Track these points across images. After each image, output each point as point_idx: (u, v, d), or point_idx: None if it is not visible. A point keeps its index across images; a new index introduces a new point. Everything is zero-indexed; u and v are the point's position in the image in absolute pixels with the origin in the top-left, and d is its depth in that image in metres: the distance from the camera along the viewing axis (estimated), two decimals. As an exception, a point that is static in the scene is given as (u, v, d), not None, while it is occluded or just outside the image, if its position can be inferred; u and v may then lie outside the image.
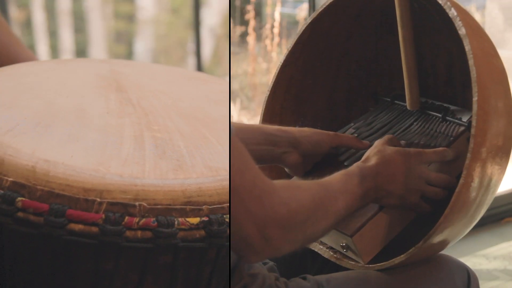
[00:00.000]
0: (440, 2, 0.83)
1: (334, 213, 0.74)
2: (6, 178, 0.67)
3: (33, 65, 0.95)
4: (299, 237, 0.71)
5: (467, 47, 0.79)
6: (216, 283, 0.73)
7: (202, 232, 0.69)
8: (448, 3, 0.83)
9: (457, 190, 0.77)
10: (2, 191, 0.67)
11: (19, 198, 0.66)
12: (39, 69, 0.92)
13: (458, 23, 0.80)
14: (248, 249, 0.67)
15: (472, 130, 0.77)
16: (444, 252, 0.88)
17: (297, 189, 0.71)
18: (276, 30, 3.06)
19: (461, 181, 0.77)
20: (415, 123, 0.98)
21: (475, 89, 0.77)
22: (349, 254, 0.87)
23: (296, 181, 0.92)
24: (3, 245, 0.69)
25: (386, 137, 0.88)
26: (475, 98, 0.77)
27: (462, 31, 0.80)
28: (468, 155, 0.77)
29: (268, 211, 0.66)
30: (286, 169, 0.95)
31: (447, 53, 1.04)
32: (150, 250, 0.68)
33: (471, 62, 0.78)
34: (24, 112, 0.77)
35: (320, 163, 0.96)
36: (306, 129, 0.94)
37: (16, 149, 0.69)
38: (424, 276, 0.86)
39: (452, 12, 0.81)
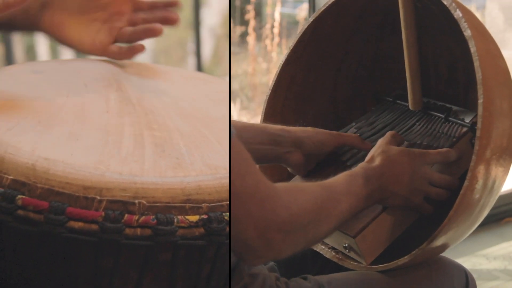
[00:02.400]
0: (445, 3, 0.83)
1: (337, 215, 0.74)
2: (6, 176, 0.67)
3: (34, 65, 0.96)
4: (301, 239, 0.70)
5: (473, 49, 0.78)
6: (216, 281, 0.73)
7: (202, 230, 0.69)
8: (453, 4, 0.82)
9: (461, 191, 0.77)
10: (2, 189, 0.67)
11: (19, 196, 0.66)
12: (40, 69, 0.92)
13: (463, 25, 0.80)
14: (249, 253, 0.67)
15: (478, 132, 0.76)
16: (445, 251, 0.88)
17: (299, 192, 0.71)
18: (276, 30, 3.06)
19: (466, 182, 0.77)
20: (417, 123, 0.98)
21: (480, 91, 0.76)
22: (352, 254, 0.87)
23: (299, 183, 0.91)
24: (3, 243, 0.68)
25: (388, 134, 0.88)
26: (480, 100, 0.76)
27: (467, 32, 0.79)
28: (473, 156, 0.76)
29: (269, 215, 0.66)
30: (289, 169, 0.95)
31: (450, 53, 1.03)
32: (149, 247, 0.68)
33: (476, 63, 0.77)
34: (25, 111, 0.77)
35: (323, 163, 0.96)
36: (309, 128, 0.94)
37: (17, 147, 0.69)
38: (424, 278, 0.86)
39: (458, 13, 0.81)
